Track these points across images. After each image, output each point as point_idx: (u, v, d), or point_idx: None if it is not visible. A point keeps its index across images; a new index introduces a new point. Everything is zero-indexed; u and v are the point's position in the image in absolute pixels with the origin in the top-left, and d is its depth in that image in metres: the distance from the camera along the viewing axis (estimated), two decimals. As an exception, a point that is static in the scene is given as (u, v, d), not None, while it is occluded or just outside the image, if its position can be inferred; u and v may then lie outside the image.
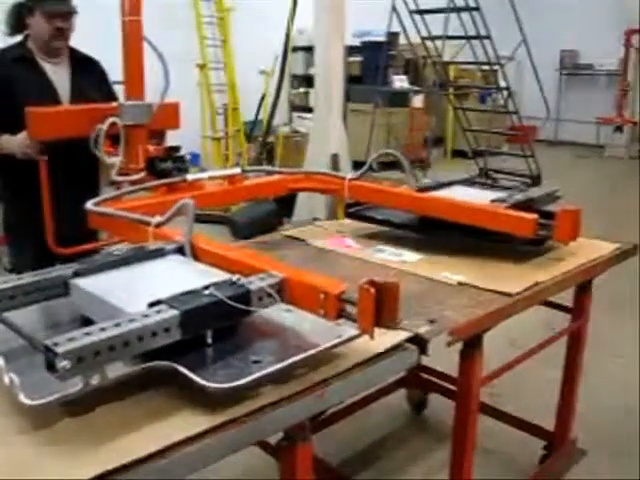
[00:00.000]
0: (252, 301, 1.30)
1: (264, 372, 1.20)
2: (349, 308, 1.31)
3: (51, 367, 1.05)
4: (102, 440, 1.10)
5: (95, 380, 1.12)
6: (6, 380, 1.15)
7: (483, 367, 1.96)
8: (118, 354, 1.13)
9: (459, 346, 1.85)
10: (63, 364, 1.04)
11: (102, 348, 1.09)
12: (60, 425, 1.14)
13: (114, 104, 2.45)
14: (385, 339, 1.44)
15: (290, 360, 1.24)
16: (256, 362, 1.25)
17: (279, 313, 1.46)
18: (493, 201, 2.19)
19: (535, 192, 2.36)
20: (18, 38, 2.68)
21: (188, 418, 1.16)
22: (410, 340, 1.51)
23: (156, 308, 1.21)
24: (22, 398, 1.09)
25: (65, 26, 2.59)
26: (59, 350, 1.04)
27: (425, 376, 3.07)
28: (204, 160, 8.12)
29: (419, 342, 1.52)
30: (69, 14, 2.59)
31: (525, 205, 2.18)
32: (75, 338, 1.08)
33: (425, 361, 2.79)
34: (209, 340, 1.30)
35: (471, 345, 1.88)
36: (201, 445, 1.11)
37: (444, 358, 1.92)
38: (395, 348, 1.46)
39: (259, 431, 1.21)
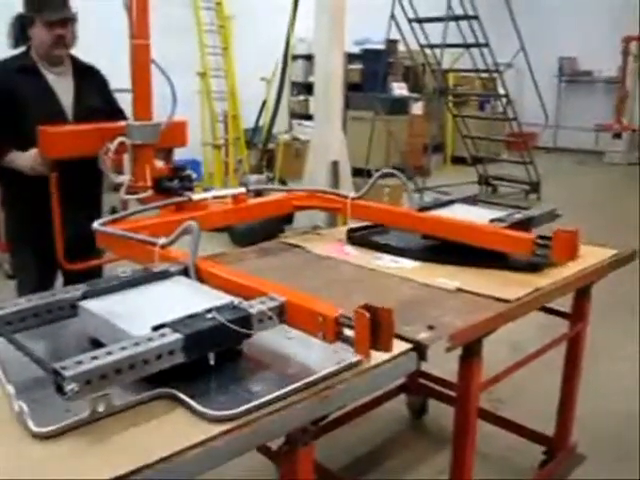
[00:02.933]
0: (253, 324, 1.33)
1: (263, 399, 1.23)
2: (347, 331, 1.34)
3: (59, 390, 1.09)
4: (108, 444, 1.11)
5: (102, 407, 1.15)
6: (15, 408, 1.18)
7: (483, 372, 1.98)
8: (124, 377, 1.16)
9: (460, 352, 1.87)
10: (71, 387, 1.08)
11: (109, 371, 1.13)
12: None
13: (123, 123, 2.49)
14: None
15: (289, 388, 1.28)
16: (256, 388, 1.29)
17: (281, 339, 1.50)
18: (492, 220, 2.22)
19: (534, 211, 2.38)
20: (22, 49, 2.71)
21: (192, 423, 1.18)
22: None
23: (160, 331, 1.24)
24: (31, 426, 1.13)
25: (65, 33, 2.61)
26: (67, 374, 1.08)
27: (425, 382, 3.09)
28: (204, 167, 8.15)
29: (418, 348, 1.54)
30: (68, 21, 2.62)
31: (524, 224, 2.21)
32: (83, 362, 1.12)
33: (425, 366, 2.81)
34: (211, 362, 1.32)
35: (470, 351, 1.89)
36: (205, 450, 1.13)
37: (445, 364, 1.94)
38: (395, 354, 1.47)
39: (261, 435, 1.23)
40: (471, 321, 1.72)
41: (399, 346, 1.50)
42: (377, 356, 1.42)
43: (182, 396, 1.23)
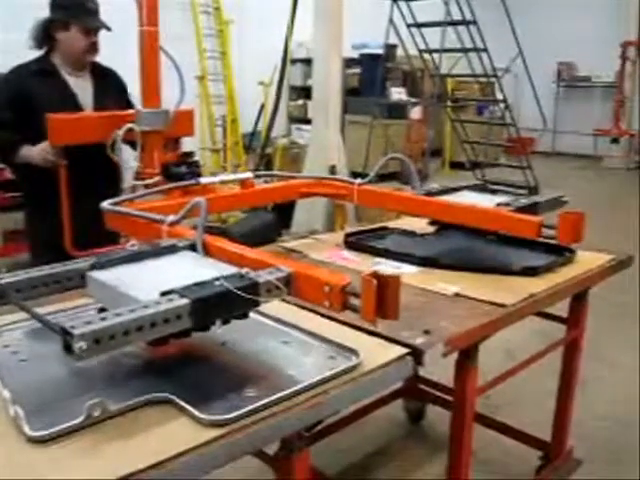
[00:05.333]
0: (260, 292, 1.33)
1: (258, 404, 1.23)
2: (353, 300, 1.34)
3: (68, 349, 1.09)
4: (102, 449, 1.11)
5: (97, 412, 1.16)
6: (11, 412, 1.18)
7: (480, 377, 1.98)
8: (132, 338, 1.17)
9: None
10: (79, 345, 1.08)
11: (117, 332, 1.14)
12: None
13: (131, 111, 2.51)
14: (385, 351, 1.49)
15: (284, 392, 1.28)
16: (251, 393, 1.29)
17: (276, 344, 1.51)
18: (499, 205, 2.22)
19: (540, 197, 2.38)
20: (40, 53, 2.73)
21: (187, 427, 1.18)
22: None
23: (168, 297, 1.25)
24: (26, 430, 1.13)
25: (97, 41, 2.69)
26: (76, 332, 1.08)
27: (423, 387, 3.09)
28: (202, 172, 8.16)
29: (414, 353, 1.54)
30: (101, 29, 2.68)
31: (530, 209, 2.20)
32: (91, 322, 1.12)
33: (423, 372, 2.81)
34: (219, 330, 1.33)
35: (466, 355, 1.89)
36: (200, 454, 1.13)
37: (444, 368, 1.94)
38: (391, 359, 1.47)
39: (256, 440, 1.22)
40: (467, 326, 1.72)
41: (395, 351, 1.50)
42: (373, 361, 1.43)
43: (177, 400, 1.23)
